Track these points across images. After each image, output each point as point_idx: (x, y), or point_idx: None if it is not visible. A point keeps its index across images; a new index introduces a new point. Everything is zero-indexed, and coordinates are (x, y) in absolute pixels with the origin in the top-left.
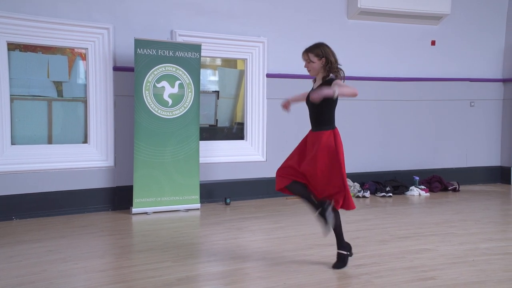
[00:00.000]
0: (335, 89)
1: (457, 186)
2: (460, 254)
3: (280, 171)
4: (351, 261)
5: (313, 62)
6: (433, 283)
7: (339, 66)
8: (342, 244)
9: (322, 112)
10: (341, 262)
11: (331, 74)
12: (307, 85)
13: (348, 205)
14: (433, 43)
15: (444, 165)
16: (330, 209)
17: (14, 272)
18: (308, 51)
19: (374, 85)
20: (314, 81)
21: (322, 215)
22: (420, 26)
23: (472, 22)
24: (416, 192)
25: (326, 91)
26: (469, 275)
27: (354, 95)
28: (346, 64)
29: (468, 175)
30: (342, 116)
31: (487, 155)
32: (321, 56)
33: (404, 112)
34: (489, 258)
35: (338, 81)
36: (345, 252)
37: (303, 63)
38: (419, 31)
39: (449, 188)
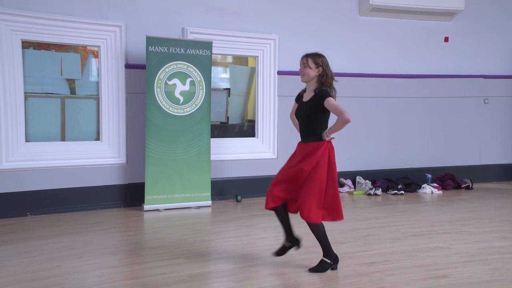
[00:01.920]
0: (324, 137)
1: (471, 184)
2: (473, 252)
3: (270, 190)
4: (362, 258)
5: (310, 68)
6: (446, 282)
7: (334, 81)
8: (329, 253)
9: (315, 124)
10: (320, 266)
11: (323, 87)
12: None
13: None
14: (446, 39)
15: (457, 163)
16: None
17: (28, 267)
18: (309, 56)
19: (386, 82)
20: (304, 91)
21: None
22: (433, 23)
23: (486, 18)
24: (428, 190)
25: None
26: (483, 273)
27: (346, 123)
28: (358, 61)
29: (481, 172)
30: (354, 114)
31: (501, 153)
32: (319, 65)
33: (416, 109)
34: (503, 257)
35: (330, 100)
36: (328, 261)
37: None
38: (432, 28)
39: (462, 186)
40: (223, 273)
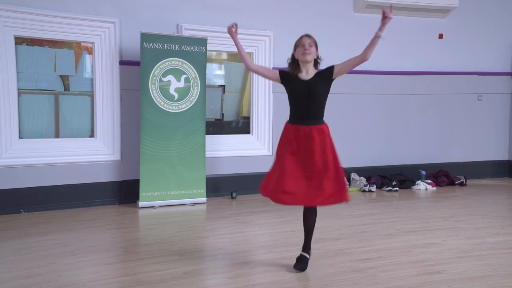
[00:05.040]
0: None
1: (464, 181)
2: (467, 248)
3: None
4: (357, 255)
5: (314, 48)
6: (440, 277)
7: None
8: (308, 247)
9: (322, 103)
10: (303, 263)
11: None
12: None
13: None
14: (440, 36)
15: (451, 159)
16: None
17: (23, 264)
18: (311, 36)
19: (381, 79)
20: (293, 74)
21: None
22: (427, 19)
23: (481, 15)
24: (422, 186)
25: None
26: (476, 269)
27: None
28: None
29: (475, 169)
30: (349, 110)
31: (494, 149)
32: (317, 48)
33: (411, 106)
34: (496, 253)
35: (336, 65)
36: (308, 256)
37: None
38: (426, 25)
39: (456, 183)
40: (218, 269)
